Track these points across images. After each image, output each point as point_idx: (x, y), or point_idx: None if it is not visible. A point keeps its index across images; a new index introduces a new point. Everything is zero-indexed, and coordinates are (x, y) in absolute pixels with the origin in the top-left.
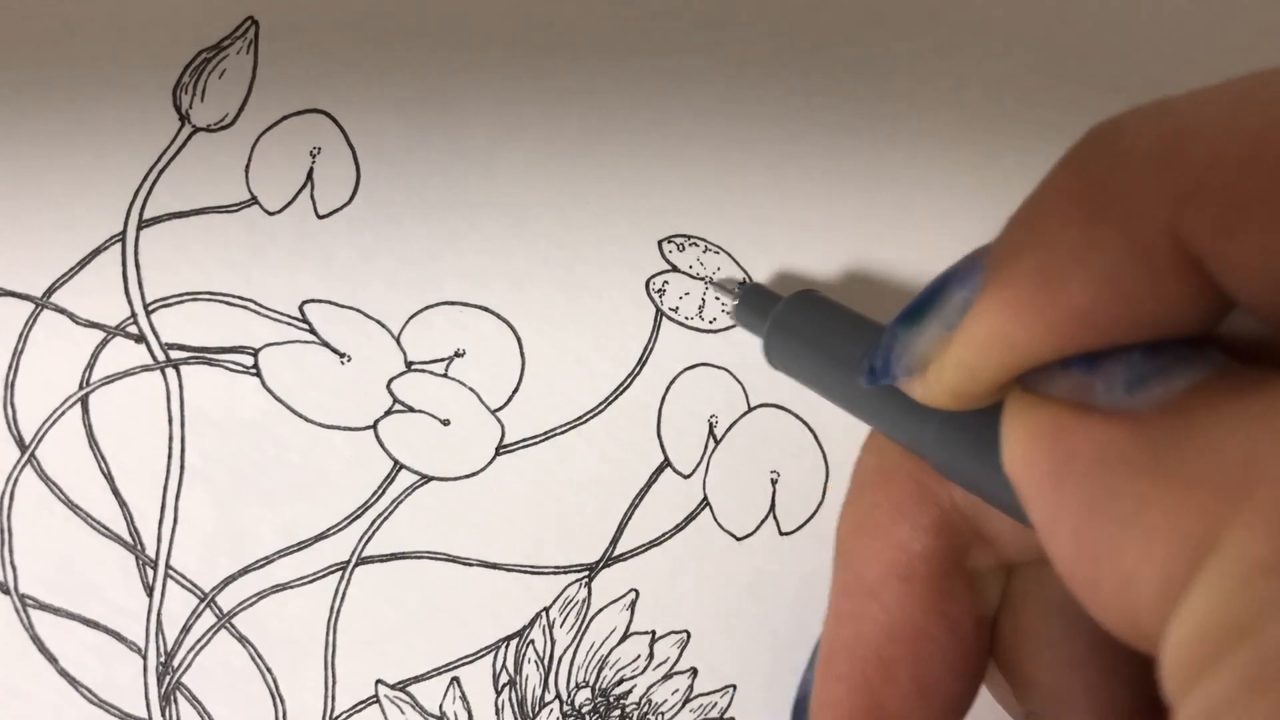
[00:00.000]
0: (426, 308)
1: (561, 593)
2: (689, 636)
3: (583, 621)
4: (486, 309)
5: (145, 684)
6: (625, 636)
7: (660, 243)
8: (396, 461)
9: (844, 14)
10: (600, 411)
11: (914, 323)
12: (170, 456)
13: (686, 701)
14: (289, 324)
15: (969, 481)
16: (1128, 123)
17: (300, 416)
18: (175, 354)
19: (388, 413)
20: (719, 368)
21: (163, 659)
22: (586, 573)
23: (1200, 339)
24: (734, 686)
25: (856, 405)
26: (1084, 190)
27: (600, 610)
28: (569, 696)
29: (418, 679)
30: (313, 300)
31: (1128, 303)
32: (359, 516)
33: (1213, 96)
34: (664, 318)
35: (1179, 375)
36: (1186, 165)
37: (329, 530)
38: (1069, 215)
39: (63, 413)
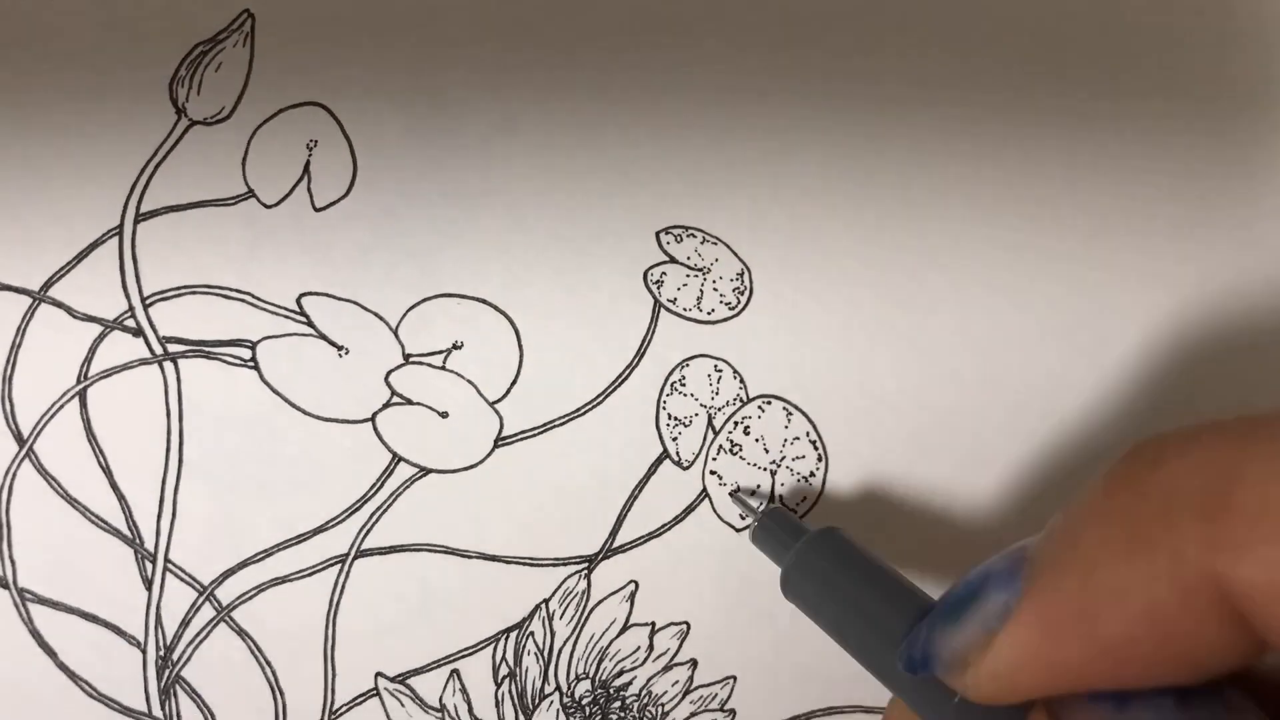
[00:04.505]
0: (424, 300)
1: (561, 584)
2: (689, 628)
3: (582, 613)
4: (484, 301)
5: (144, 677)
6: (625, 628)
7: (658, 234)
8: (395, 454)
9: (843, 5)
10: (599, 403)
11: (953, 620)
12: (168, 450)
13: (686, 693)
14: (287, 317)
15: None
16: (1172, 450)
17: (298, 409)
18: (173, 347)
19: (386, 405)
20: (717, 359)
21: (162, 652)
22: (586, 564)
23: (1225, 682)
24: (734, 678)
25: (876, 667)
26: (1127, 518)
27: (600, 602)
28: (569, 688)
29: (417, 671)
30: (310, 293)
31: (1166, 641)
32: (358, 509)
33: (1262, 431)
34: (662, 309)
35: None
36: (1235, 515)
37: (328, 523)
38: (1111, 542)
39: (61, 406)
